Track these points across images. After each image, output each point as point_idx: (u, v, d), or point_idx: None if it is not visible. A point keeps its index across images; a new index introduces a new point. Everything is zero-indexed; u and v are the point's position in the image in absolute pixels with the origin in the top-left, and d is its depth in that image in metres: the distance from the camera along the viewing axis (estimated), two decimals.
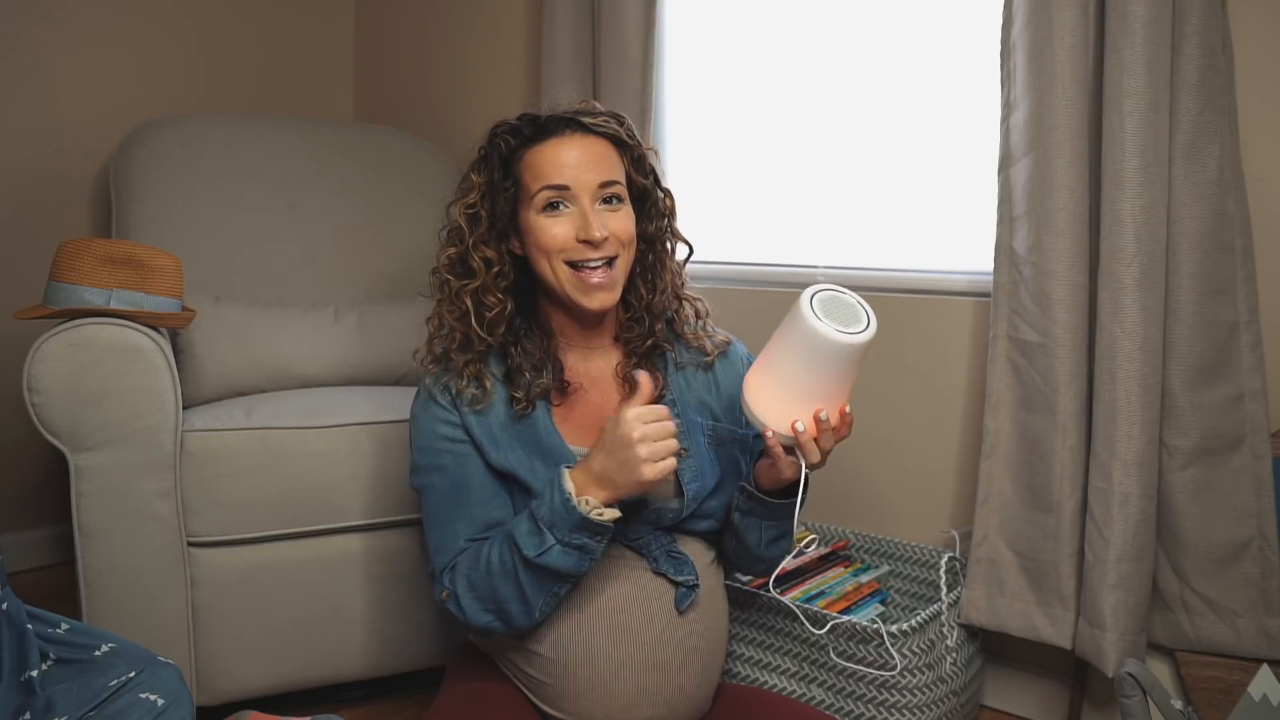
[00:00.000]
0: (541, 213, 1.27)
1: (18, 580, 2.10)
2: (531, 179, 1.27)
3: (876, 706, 1.51)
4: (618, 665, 1.24)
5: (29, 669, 1.17)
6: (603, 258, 1.26)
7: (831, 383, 1.14)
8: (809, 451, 1.17)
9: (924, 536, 1.84)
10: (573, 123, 1.29)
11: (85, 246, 1.56)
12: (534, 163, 1.28)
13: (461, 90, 2.58)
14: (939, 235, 1.86)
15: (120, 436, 1.51)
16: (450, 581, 1.26)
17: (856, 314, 1.13)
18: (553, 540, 1.17)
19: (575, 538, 1.17)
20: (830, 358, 1.11)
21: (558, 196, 1.26)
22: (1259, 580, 1.51)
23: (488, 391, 1.29)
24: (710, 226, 2.11)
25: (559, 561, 1.17)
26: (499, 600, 1.22)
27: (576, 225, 1.25)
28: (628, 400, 1.30)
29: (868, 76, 1.92)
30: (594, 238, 1.24)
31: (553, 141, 1.28)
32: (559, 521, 1.17)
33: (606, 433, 1.17)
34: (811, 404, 1.14)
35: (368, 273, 2.18)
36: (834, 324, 1.11)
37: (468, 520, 1.28)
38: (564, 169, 1.26)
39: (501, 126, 1.31)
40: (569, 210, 1.26)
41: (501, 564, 1.21)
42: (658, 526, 1.29)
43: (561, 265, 1.26)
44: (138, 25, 2.40)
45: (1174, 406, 1.52)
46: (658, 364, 1.36)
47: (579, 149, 1.27)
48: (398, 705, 1.77)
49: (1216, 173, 1.47)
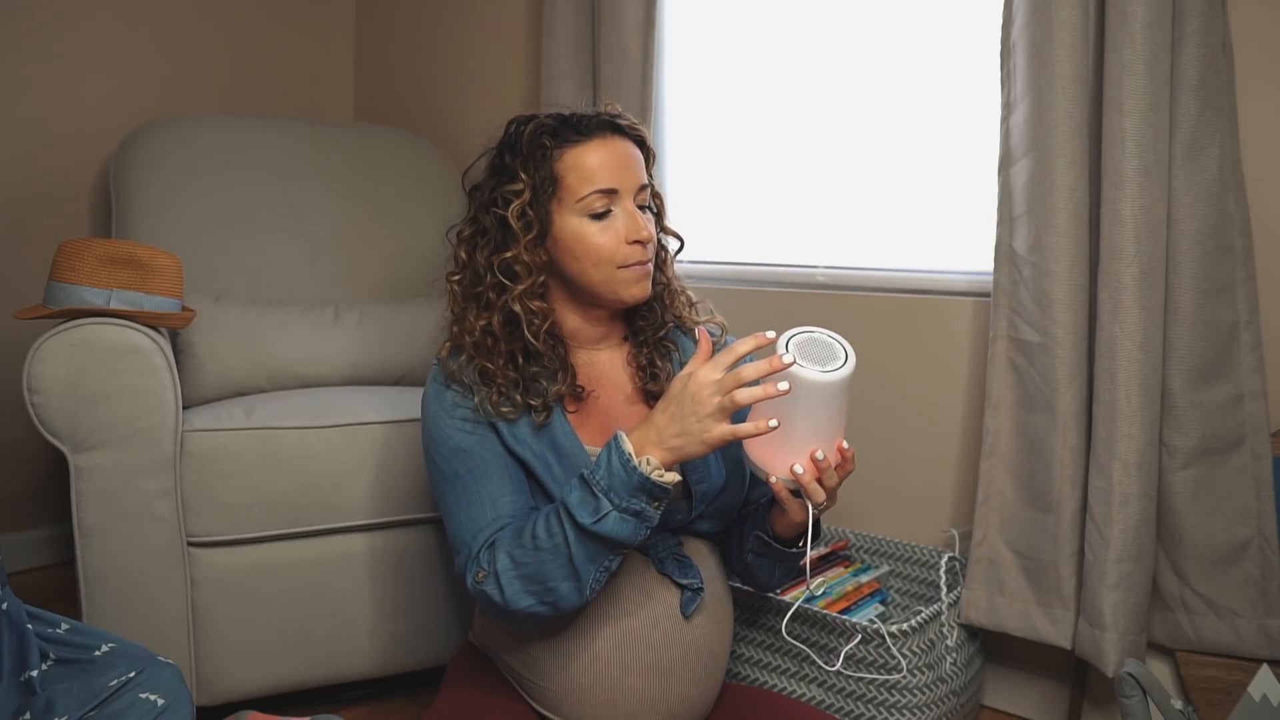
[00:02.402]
0: (588, 218, 1.26)
1: (18, 580, 2.11)
2: (578, 181, 1.25)
3: (877, 706, 1.51)
4: (621, 670, 1.24)
5: (29, 669, 1.17)
6: (649, 258, 1.28)
7: (822, 422, 1.14)
8: (813, 492, 1.16)
9: (924, 536, 1.84)
10: (610, 124, 1.29)
11: (85, 246, 1.56)
12: (579, 164, 1.26)
13: (461, 90, 2.58)
14: (939, 235, 1.86)
15: (120, 436, 1.51)
16: (488, 561, 1.19)
17: (834, 351, 1.13)
18: (609, 506, 1.12)
19: (634, 502, 1.12)
20: (814, 399, 1.12)
21: (609, 202, 1.26)
22: (1259, 580, 1.51)
23: (518, 405, 1.27)
24: (710, 226, 2.11)
25: (615, 529, 1.12)
26: (545, 579, 1.16)
27: (625, 228, 1.26)
28: (639, 389, 1.32)
29: (868, 76, 1.92)
30: (644, 236, 1.25)
31: (595, 142, 1.26)
32: (616, 485, 1.12)
33: (673, 390, 1.13)
34: (807, 446, 1.15)
35: (368, 272, 2.18)
36: (812, 365, 1.11)
37: (499, 499, 1.24)
38: (611, 171, 1.25)
39: (537, 125, 1.28)
40: (615, 214, 1.26)
41: (550, 537, 1.15)
42: (664, 528, 1.28)
43: (612, 269, 1.26)
44: (138, 25, 2.40)
45: (1174, 406, 1.52)
46: (665, 358, 1.36)
47: (618, 151, 1.27)
48: (398, 705, 1.77)
49: (1216, 173, 1.47)
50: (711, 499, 1.30)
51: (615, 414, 1.32)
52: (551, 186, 1.26)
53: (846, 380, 1.12)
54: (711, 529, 1.34)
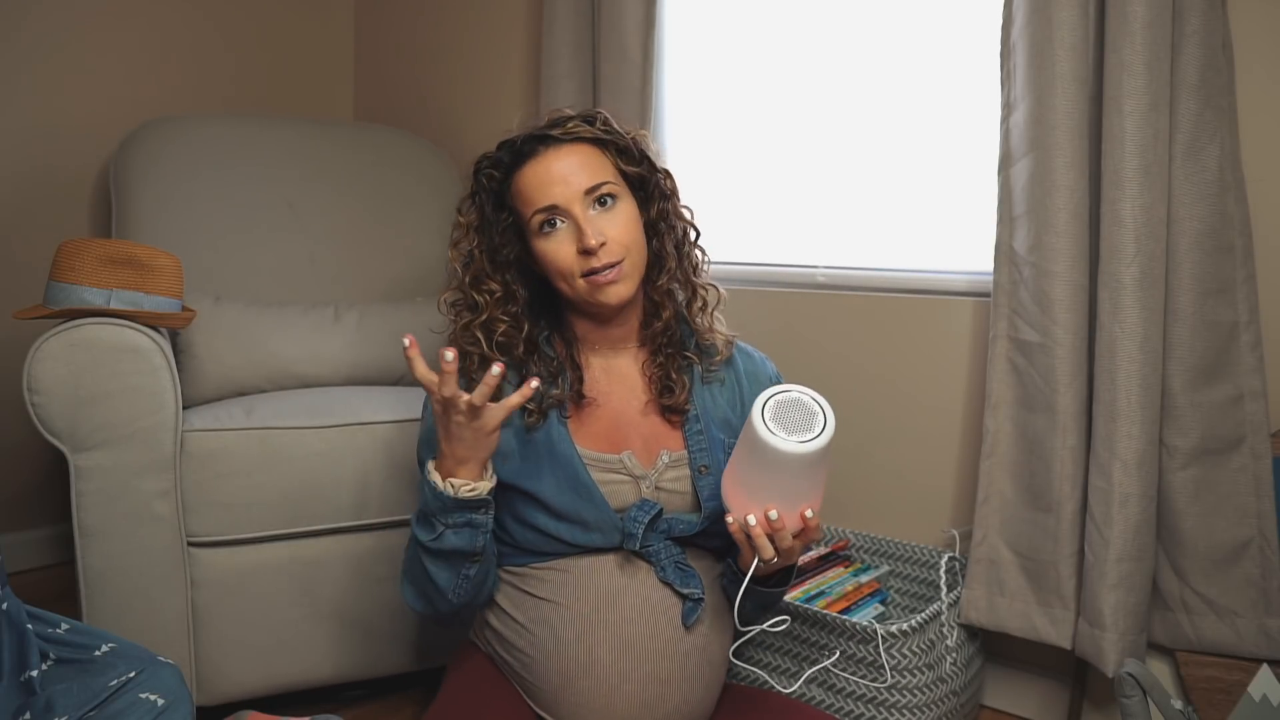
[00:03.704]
0: (540, 237, 1.27)
1: (18, 580, 2.10)
2: (523, 206, 1.28)
3: (877, 706, 1.51)
4: (619, 677, 1.23)
5: (29, 669, 1.17)
6: (606, 264, 1.25)
7: (783, 486, 1.12)
8: (760, 546, 1.15)
9: (924, 536, 1.84)
10: (544, 138, 1.28)
11: (85, 246, 1.56)
12: (521, 190, 1.28)
13: (461, 90, 2.58)
14: (939, 235, 1.86)
15: (120, 436, 1.51)
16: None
17: (811, 421, 1.10)
18: (442, 526, 1.21)
19: (458, 517, 1.20)
20: (776, 463, 1.10)
21: (551, 217, 1.26)
22: (1259, 580, 1.51)
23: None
24: (710, 226, 2.10)
25: (453, 542, 1.21)
26: (419, 582, 1.28)
27: (575, 239, 1.25)
28: (654, 399, 1.32)
29: (868, 76, 1.92)
30: (589, 245, 1.23)
31: (530, 164, 1.27)
32: (437, 508, 1.20)
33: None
34: (764, 502, 1.13)
35: (368, 272, 2.18)
36: (781, 431, 1.09)
37: None
38: (546, 188, 1.25)
39: (484, 161, 1.32)
40: (564, 226, 1.26)
41: (413, 551, 1.27)
42: (669, 536, 1.28)
43: (579, 280, 1.26)
44: (138, 25, 2.40)
45: (1174, 406, 1.52)
46: (683, 372, 1.34)
47: (557, 163, 1.26)
48: (398, 705, 1.77)
49: (1216, 173, 1.47)
50: (717, 517, 1.28)
51: (627, 420, 1.32)
52: (509, 216, 1.31)
53: (814, 454, 1.08)
54: (718, 545, 1.32)
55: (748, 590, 1.24)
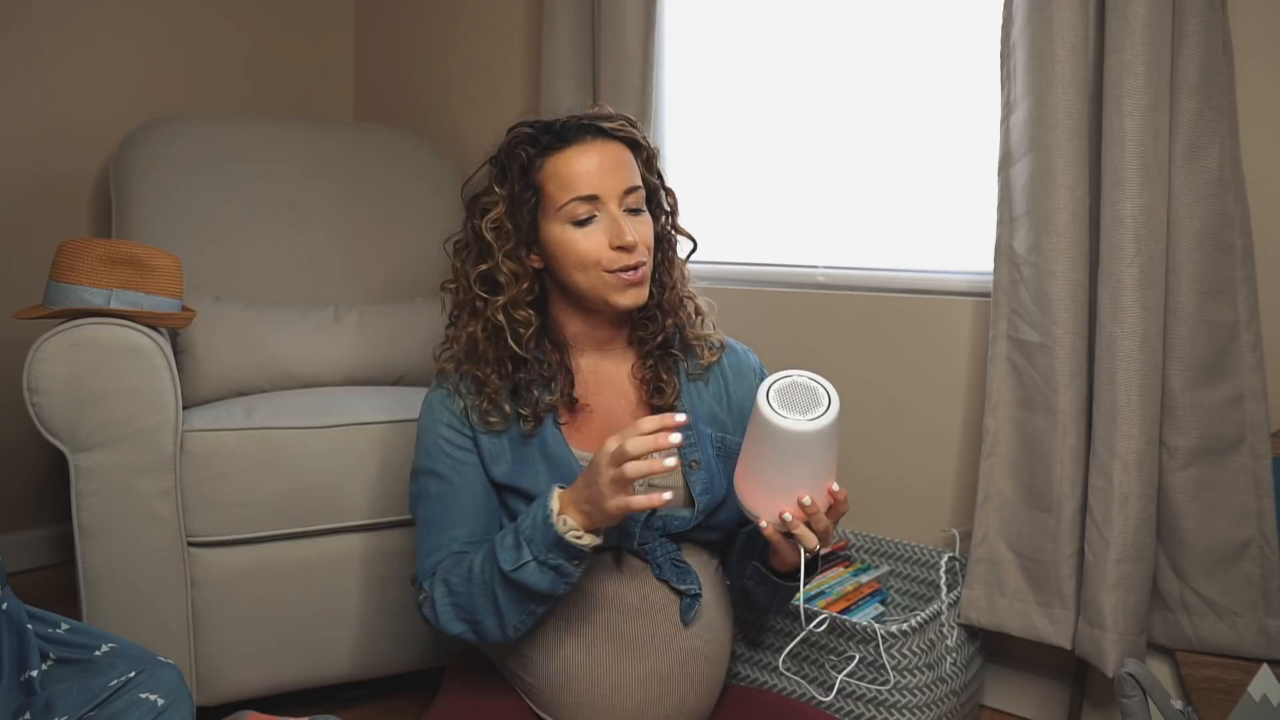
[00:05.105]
0: (571, 225, 1.25)
1: (18, 580, 2.10)
2: (557, 189, 1.25)
3: (877, 706, 1.51)
4: (619, 677, 1.23)
5: (29, 669, 1.17)
6: (636, 263, 1.25)
7: (807, 469, 1.13)
8: (803, 537, 1.15)
9: (924, 536, 1.84)
10: (592, 128, 1.27)
11: (85, 246, 1.56)
12: (558, 172, 1.25)
13: (461, 90, 2.58)
14: (939, 235, 1.86)
15: (120, 436, 1.51)
16: (430, 586, 1.25)
17: (816, 397, 1.12)
18: (529, 556, 1.14)
19: (551, 557, 1.14)
20: (796, 447, 1.11)
21: (589, 209, 1.24)
22: (1259, 580, 1.51)
23: (507, 416, 1.28)
24: (710, 226, 2.10)
25: (533, 579, 1.15)
26: (474, 611, 1.21)
27: (609, 233, 1.24)
28: (643, 402, 1.30)
29: (868, 76, 1.92)
30: (628, 242, 1.23)
31: (575, 149, 1.25)
32: (538, 538, 1.14)
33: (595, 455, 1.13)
34: (793, 491, 1.14)
35: (368, 273, 2.18)
36: (793, 413, 1.10)
37: (458, 529, 1.27)
38: (591, 177, 1.24)
39: (518, 135, 1.28)
40: (599, 219, 1.25)
41: (481, 574, 1.19)
42: (664, 533, 1.28)
43: (599, 274, 1.25)
44: (138, 25, 2.40)
45: (1174, 406, 1.52)
46: (672, 371, 1.34)
47: (601, 155, 1.25)
48: (398, 705, 1.77)
49: (1216, 173, 1.47)
50: (713, 510, 1.29)
51: (618, 420, 1.31)
52: (534, 196, 1.26)
53: (829, 427, 1.10)
54: (712, 538, 1.33)
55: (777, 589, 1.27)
